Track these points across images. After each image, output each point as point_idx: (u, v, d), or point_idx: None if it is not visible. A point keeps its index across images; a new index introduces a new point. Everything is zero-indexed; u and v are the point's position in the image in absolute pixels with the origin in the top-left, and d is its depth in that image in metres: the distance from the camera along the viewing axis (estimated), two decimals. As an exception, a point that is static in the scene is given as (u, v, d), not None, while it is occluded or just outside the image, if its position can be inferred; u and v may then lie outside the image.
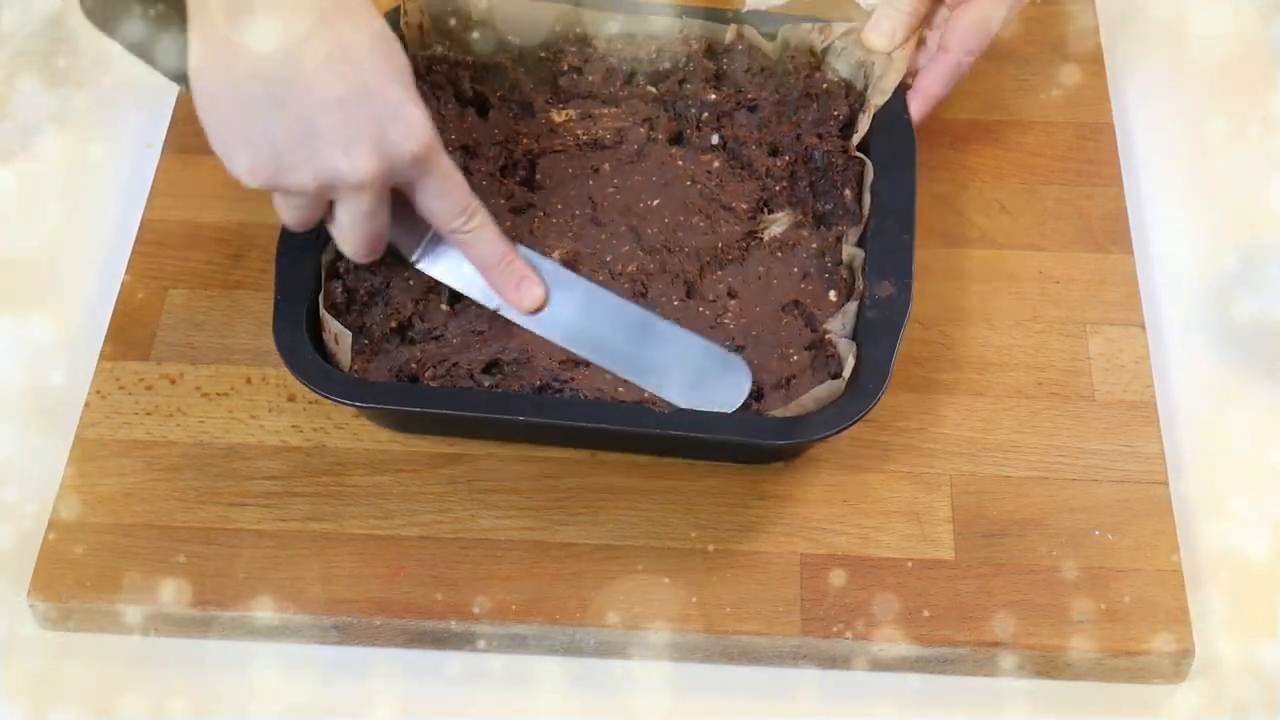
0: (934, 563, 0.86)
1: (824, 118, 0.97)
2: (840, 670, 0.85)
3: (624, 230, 0.93)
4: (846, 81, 0.99)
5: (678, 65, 0.99)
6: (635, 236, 0.93)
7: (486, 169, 0.95)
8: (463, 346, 0.88)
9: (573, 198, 0.95)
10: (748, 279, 0.92)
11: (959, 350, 0.94)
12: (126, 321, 0.95)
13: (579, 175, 0.96)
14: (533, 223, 0.93)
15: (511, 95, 0.99)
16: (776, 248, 0.93)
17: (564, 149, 0.97)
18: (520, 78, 0.99)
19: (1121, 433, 0.91)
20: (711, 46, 1.00)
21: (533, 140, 0.97)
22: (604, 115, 0.98)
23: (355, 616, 0.85)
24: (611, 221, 0.94)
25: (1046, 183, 1.02)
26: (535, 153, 0.97)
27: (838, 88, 0.99)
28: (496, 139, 0.97)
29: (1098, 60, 1.09)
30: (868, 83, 0.98)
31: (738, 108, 0.98)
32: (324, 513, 0.88)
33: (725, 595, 0.85)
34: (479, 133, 0.97)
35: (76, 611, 0.85)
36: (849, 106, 0.98)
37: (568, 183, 0.95)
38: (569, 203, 0.94)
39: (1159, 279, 1.00)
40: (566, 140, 0.97)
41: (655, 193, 0.95)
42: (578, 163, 0.96)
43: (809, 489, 0.89)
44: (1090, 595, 0.85)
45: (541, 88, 1.00)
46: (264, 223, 1.00)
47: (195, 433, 0.91)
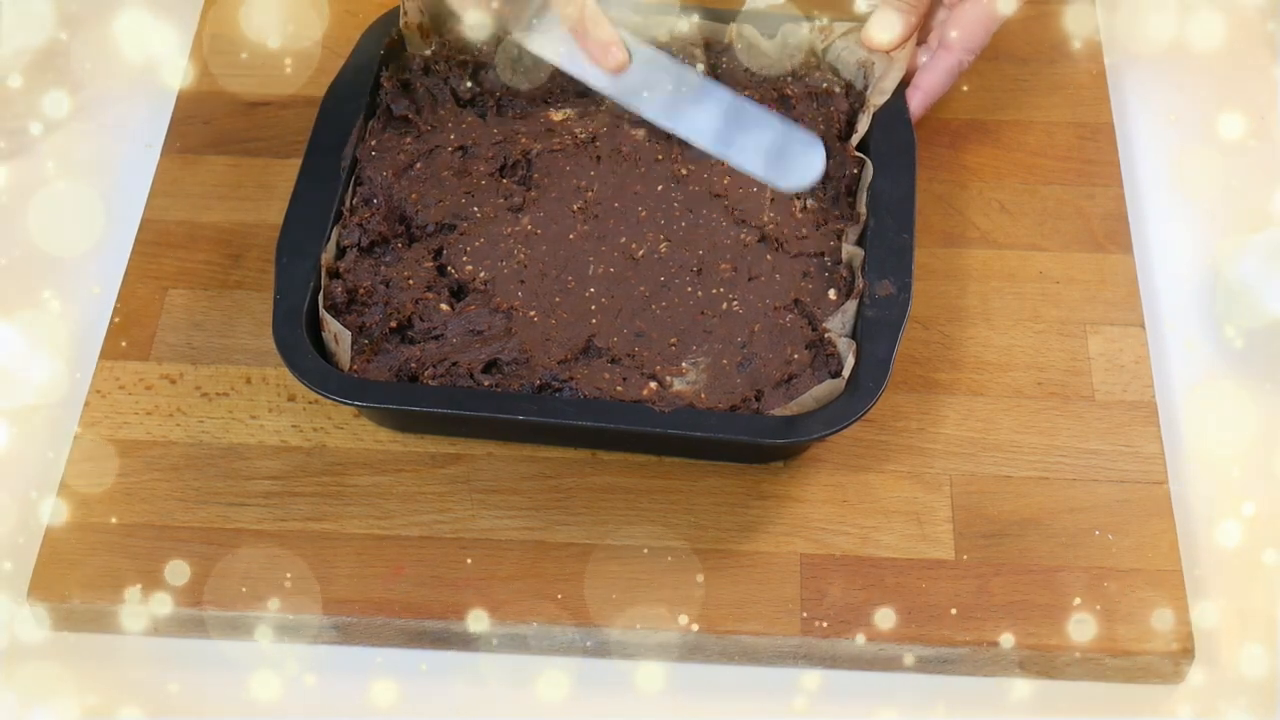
0: (934, 563, 0.86)
1: (824, 117, 0.97)
2: (840, 670, 0.85)
3: (622, 228, 0.93)
4: (847, 81, 0.99)
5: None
6: (635, 233, 0.93)
7: (485, 169, 0.96)
8: (462, 346, 0.88)
9: (570, 195, 0.95)
10: (747, 276, 0.92)
11: (959, 350, 0.94)
12: (126, 321, 0.95)
13: (577, 173, 0.96)
14: (530, 220, 0.93)
15: (510, 95, 1.00)
16: (776, 246, 0.93)
17: (562, 148, 0.97)
18: (518, 77, 1.00)
19: (1121, 433, 0.91)
20: (710, 45, 1.00)
21: (531, 140, 0.97)
22: (602, 114, 0.98)
23: (355, 616, 0.85)
24: (610, 217, 0.94)
25: (1046, 183, 1.02)
26: (534, 152, 0.97)
27: (838, 87, 0.99)
28: (495, 139, 0.97)
29: (1098, 60, 1.09)
30: (868, 82, 0.98)
31: None
32: (324, 513, 0.88)
33: (725, 595, 0.85)
34: (477, 133, 0.97)
35: (76, 611, 0.85)
36: (849, 106, 0.98)
37: (565, 180, 0.95)
38: (567, 199, 0.94)
39: (1159, 279, 1.00)
40: (565, 139, 0.97)
41: (653, 192, 0.95)
42: (575, 161, 0.96)
43: (809, 489, 0.89)
44: (1090, 595, 0.85)
45: (539, 87, 1.00)
46: (264, 222, 1.00)
47: (195, 433, 0.91)
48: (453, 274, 0.92)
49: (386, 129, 0.98)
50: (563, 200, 0.95)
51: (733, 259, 0.92)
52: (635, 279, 0.92)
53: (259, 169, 1.03)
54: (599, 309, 0.91)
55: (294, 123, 1.05)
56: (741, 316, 0.90)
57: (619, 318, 0.90)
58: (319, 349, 0.87)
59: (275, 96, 1.06)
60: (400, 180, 0.95)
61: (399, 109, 0.98)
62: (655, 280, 0.92)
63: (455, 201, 0.94)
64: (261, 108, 1.06)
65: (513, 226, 0.93)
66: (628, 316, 0.90)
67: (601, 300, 0.91)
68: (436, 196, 0.94)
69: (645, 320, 0.90)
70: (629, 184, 0.95)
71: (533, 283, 0.91)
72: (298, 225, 0.91)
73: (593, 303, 0.91)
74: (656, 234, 0.93)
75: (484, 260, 0.92)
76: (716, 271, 0.92)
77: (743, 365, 0.88)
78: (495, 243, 0.93)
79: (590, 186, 0.95)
